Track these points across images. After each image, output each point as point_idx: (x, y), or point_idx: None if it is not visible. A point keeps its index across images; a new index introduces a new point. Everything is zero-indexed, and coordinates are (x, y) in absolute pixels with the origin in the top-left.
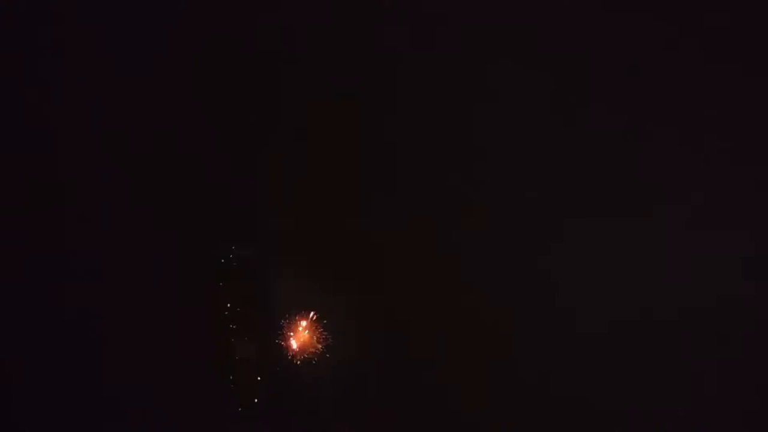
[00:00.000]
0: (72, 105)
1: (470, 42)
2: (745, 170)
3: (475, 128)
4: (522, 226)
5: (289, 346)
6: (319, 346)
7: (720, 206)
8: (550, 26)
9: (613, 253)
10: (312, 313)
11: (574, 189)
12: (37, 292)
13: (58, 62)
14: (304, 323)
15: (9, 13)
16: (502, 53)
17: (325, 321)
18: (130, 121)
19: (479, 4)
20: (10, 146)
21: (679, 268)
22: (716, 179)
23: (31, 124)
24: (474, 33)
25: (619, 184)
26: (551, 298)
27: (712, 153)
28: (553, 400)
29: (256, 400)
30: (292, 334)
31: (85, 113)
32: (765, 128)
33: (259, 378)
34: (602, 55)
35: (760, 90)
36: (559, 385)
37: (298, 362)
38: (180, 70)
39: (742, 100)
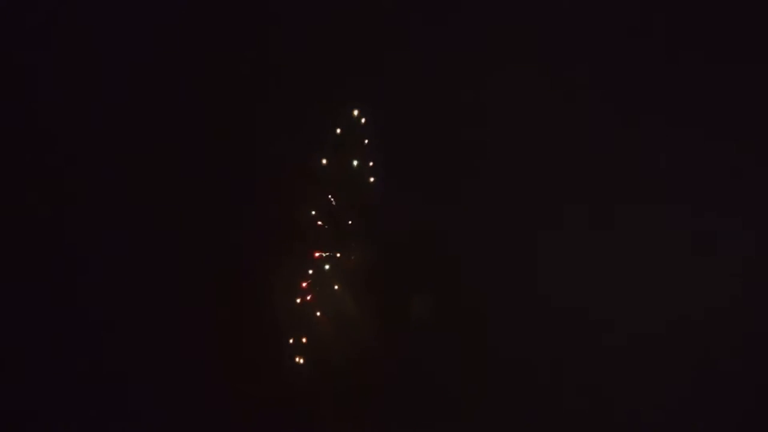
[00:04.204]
0: (72, 105)
1: (470, 42)
2: (746, 170)
3: (476, 129)
4: (522, 226)
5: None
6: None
7: (721, 206)
8: (552, 26)
9: (613, 253)
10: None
11: (575, 189)
12: (37, 292)
13: (58, 62)
14: None
15: (9, 13)
16: (503, 53)
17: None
18: (131, 121)
19: (479, 5)
20: (10, 146)
21: (679, 267)
22: (717, 180)
23: (31, 124)
24: (474, 33)
25: (620, 185)
26: (552, 297)
27: (715, 154)
28: (554, 399)
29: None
30: None
31: (86, 113)
32: (765, 129)
33: None
34: (603, 56)
35: (761, 91)
36: (560, 385)
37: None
38: (180, 71)
39: (742, 101)
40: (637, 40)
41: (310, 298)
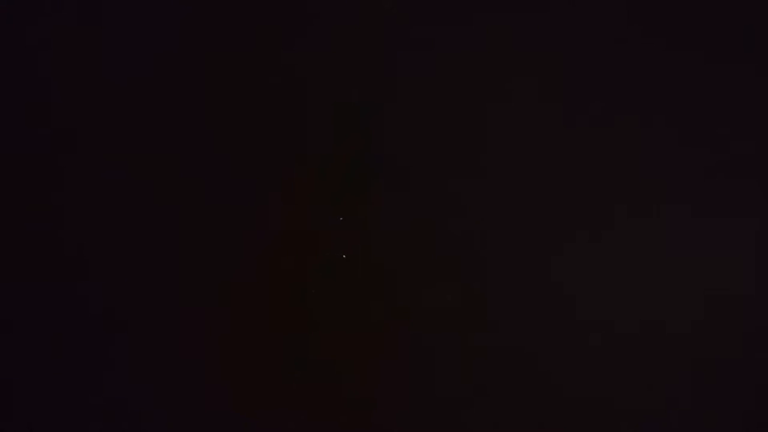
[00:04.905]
0: (72, 105)
1: (471, 42)
2: (746, 170)
3: (476, 129)
4: (522, 226)
5: None
6: None
7: (721, 207)
8: (553, 26)
9: (613, 253)
10: None
11: (575, 190)
12: (37, 292)
13: (57, 62)
14: None
15: (9, 12)
16: (504, 54)
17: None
18: (131, 121)
19: (480, 6)
20: (10, 146)
21: (679, 268)
22: (717, 180)
23: (31, 124)
24: (475, 33)
25: (621, 185)
26: (551, 297)
27: (714, 154)
28: (553, 400)
29: None
30: None
31: (85, 113)
32: (765, 129)
33: None
34: (604, 56)
35: (761, 91)
36: (559, 385)
37: None
38: (180, 70)
39: (742, 101)
40: (641, 39)
41: (312, 296)
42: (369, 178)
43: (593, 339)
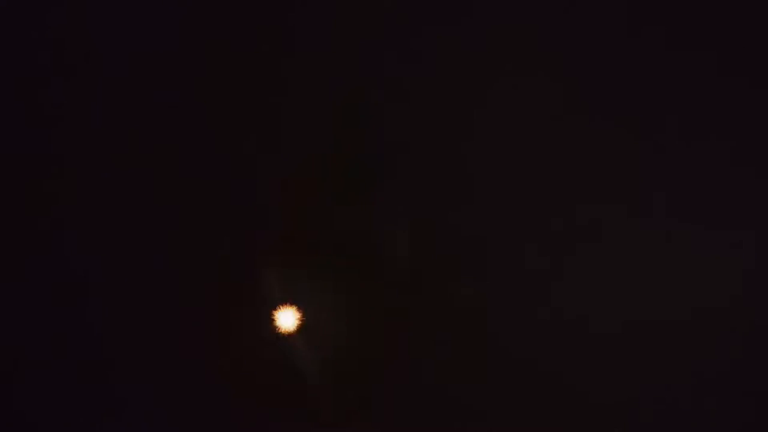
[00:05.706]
0: (72, 105)
1: (472, 42)
2: (747, 170)
3: (476, 129)
4: (523, 226)
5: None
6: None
7: (721, 207)
8: (553, 28)
9: (613, 253)
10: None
11: (575, 189)
12: (37, 292)
13: (57, 61)
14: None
15: (9, 12)
16: (504, 54)
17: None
18: (130, 120)
19: (480, 6)
20: (10, 146)
21: (679, 267)
22: (717, 179)
23: (31, 124)
24: (475, 33)
25: (620, 185)
26: (551, 297)
27: (713, 153)
28: (552, 399)
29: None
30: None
31: (85, 113)
32: (765, 128)
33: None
34: (603, 56)
35: (762, 90)
36: (558, 384)
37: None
38: (180, 70)
39: (743, 101)
40: (640, 40)
41: (310, 298)
42: (369, 178)
43: (593, 338)
